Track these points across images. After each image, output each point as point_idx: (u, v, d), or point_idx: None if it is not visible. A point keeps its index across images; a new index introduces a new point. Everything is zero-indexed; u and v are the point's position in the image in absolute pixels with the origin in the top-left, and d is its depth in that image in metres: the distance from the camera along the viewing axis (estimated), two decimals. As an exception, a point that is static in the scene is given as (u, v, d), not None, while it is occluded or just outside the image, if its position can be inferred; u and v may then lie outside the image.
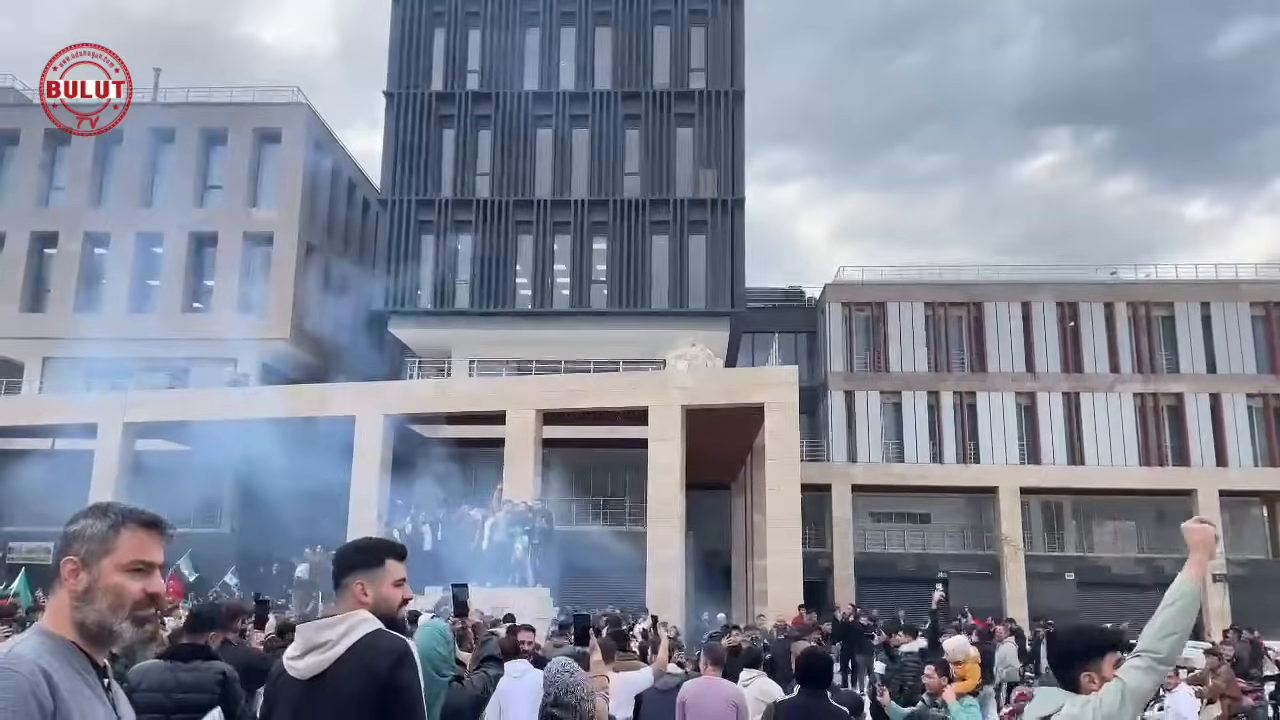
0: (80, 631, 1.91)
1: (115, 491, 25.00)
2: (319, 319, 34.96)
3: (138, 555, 1.96)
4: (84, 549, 1.95)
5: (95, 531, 1.96)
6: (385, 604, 2.88)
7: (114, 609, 1.92)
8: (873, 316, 38.30)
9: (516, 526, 19.63)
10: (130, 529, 1.97)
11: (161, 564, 2.00)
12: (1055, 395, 36.69)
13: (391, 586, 2.91)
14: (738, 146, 32.61)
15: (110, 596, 1.92)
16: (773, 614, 20.07)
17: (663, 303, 31.87)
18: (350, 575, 2.91)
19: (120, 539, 1.96)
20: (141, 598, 1.95)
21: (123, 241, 33.24)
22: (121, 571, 1.94)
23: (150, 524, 2.01)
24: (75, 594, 1.92)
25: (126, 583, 1.93)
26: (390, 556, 2.97)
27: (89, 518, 1.99)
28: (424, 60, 33.75)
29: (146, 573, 1.97)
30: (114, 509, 2.01)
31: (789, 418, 22.36)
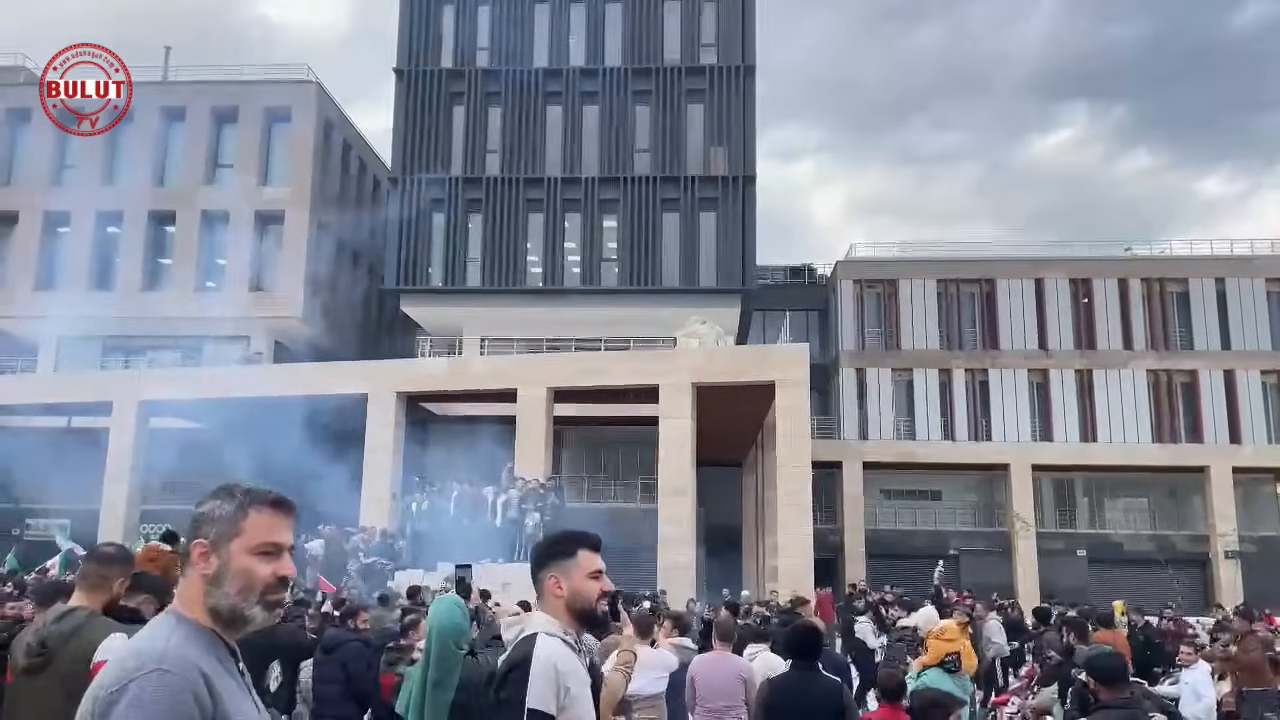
0: (213, 617, 1.86)
1: (131, 469, 25.25)
2: (330, 297, 35.09)
3: (266, 537, 1.90)
4: (213, 531, 1.89)
5: (223, 513, 1.90)
6: (581, 598, 2.76)
7: (244, 593, 1.87)
8: (884, 294, 38.15)
9: (528, 503, 19.73)
10: (258, 510, 1.91)
11: (291, 545, 1.95)
12: (1068, 372, 36.54)
13: (586, 578, 2.79)
14: (749, 123, 32.42)
15: (240, 580, 1.86)
16: (785, 590, 20.14)
17: (673, 280, 31.82)
18: (543, 569, 2.81)
19: (248, 520, 1.89)
20: (272, 581, 1.89)
21: (135, 220, 33.34)
22: (250, 554, 1.87)
23: (278, 504, 1.95)
24: (206, 578, 1.87)
25: (256, 566, 1.87)
26: (582, 547, 2.85)
27: (216, 499, 1.93)
28: (434, 37, 33.62)
29: (275, 555, 1.90)
30: (241, 489, 1.94)
31: (800, 395, 22.34)
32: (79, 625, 3.33)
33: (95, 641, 3.27)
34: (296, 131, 33.74)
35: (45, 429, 30.42)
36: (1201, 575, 35.04)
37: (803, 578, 20.63)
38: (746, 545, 32.42)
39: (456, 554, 18.97)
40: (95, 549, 3.79)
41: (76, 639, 3.28)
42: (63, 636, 3.29)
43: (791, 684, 5.19)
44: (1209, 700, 8.16)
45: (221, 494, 1.94)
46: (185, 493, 31.47)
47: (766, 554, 27.57)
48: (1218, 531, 33.96)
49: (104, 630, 3.31)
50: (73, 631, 3.30)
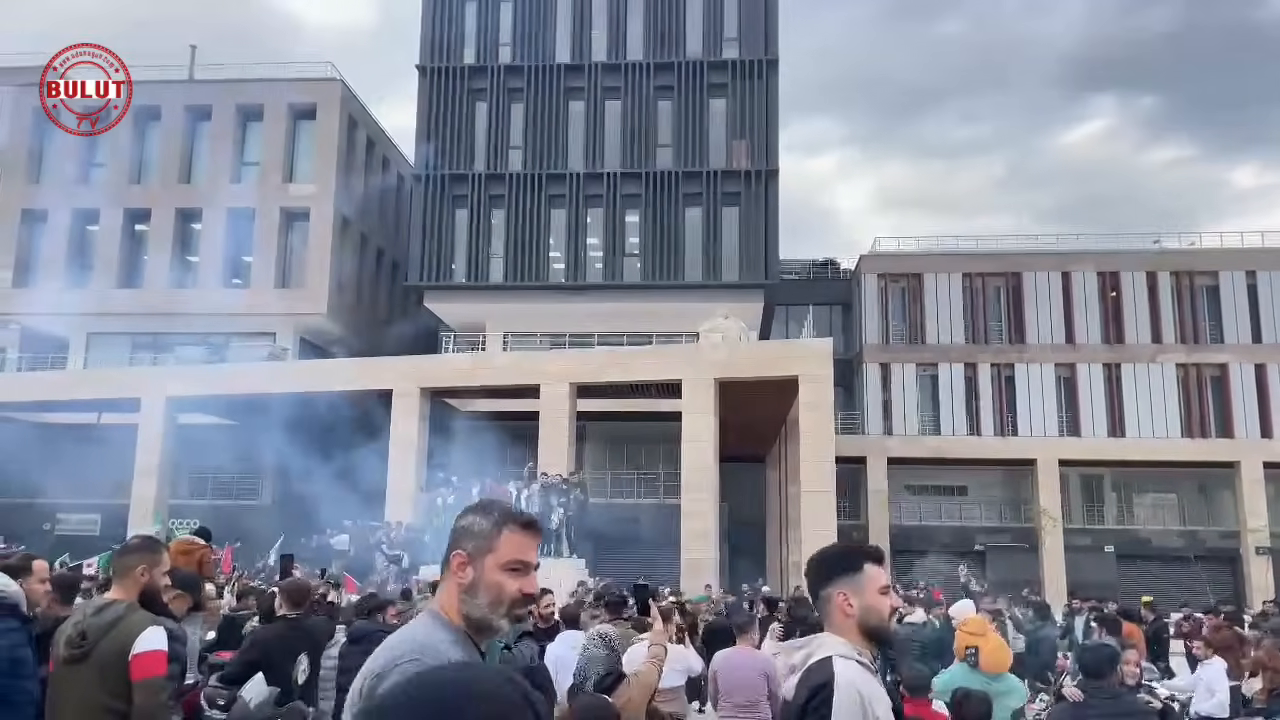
0: (466, 622, 2.01)
1: (159, 465, 25.53)
2: (355, 293, 35.31)
3: (516, 555, 2.03)
4: (471, 545, 2.04)
5: (480, 529, 2.04)
6: (874, 614, 2.60)
7: (494, 605, 2.01)
8: (909, 288, 37.89)
9: (551, 499, 19.77)
10: (510, 529, 2.04)
11: (537, 564, 2.09)
12: (1096, 366, 36.16)
13: (877, 594, 2.62)
14: (771, 117, 32.28)
15: (491, 592, 2.01)
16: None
17: (696, 275, 31.77)
18: (829, 585, 2.64)
19: (501, 539, 2.03)
20: (519, 596, 2.03)
21: (162, 218, 33.67)
22: (502, 570, 2.01)
23: (528, 526, 2.09)
24: (462, 586, 2.02)
25: (506, 581, 2.01)
26: (869, 561, 2.68)
27: (476, 514, 2.08)
28: (456, 33, 33.70)
29: (523, 572, 2.04)
30: (497, 508, 2.09)
31: (823, 390, 22.23)
32: (117, 617, 3.42)
33: (133, 634, 3.38)
34: (321, 129, 33.94)
35: (75, 425, 30.85)
36: (1232, 572, 34.59)
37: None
38: (770, 540, 32.35)
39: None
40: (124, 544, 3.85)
41: (115, 630, 3.39)
42: (102, 628, 3.39)
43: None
44: (1221, 697, 8.09)
45: (480, 511, 2.09)
46: (212, 488, 31.90)
47: (790, 549, 27.48)
48: (1249, 528, 33.52)
49: (142, 623, 3.42)
50: (111, 623, 3.40)
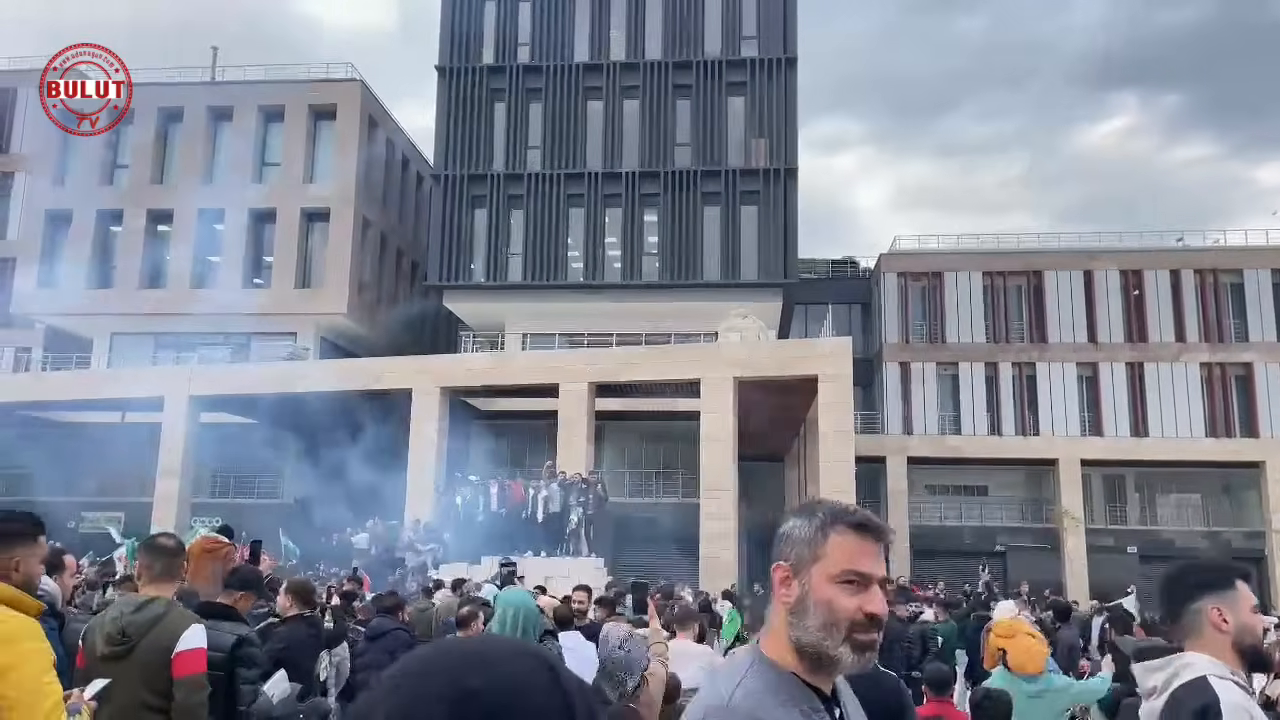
0: (798, 654, 1.63)
1: (182, 464, 25.75)
2: (375, 293, 35.49)
3: (849, 564, 1.62)
4: (793, 553, 1.66)
5: (802, 534, 1.67)
6: (1250, 633, 2.39)
7: (827, 628, 1.60)
8: (929, 286, 37.70)
9: (570, 498, 19.80)
10: (839, 532, 1.64)
11: (883, 578, 1.66)
12: (1118, 365, 35.85)
13: (1250, 612, 2.41)
14: (790, 115, 32.19)
15: (823, 613, 1.61)
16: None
17: (714, 274, 31.73)
18: (1198, 600, 2.42)
19: (829, 544, 1.64)
20: (859, 617, 1.60)
21: (185, 218, 33.95)
22: (833, 583, 1.61)
23: (862, 527, 1.66)
24: (788, 607, 1.65)
25: (839, 597, 1.60)
26: (1239, 577, 2.47)
27: (797, 517, 1.71)
28: (475, 34, 33.80)
29: (863, 586, 1.62)
30: (823, 508, 1.69)
31: (843, 389, 22.15)
32: (158, 615, 3.45)
33: (176, 632, 3.42)
34: (341, 130, 34.13)
35: (99, 424, 31.17)
36: (1257, 573, 34.18)
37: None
38: (789, 540, 32.23)
39: (499, 548, 19.13)
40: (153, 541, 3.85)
41: (156, 629, 3.41)
42: (143, 626, 3.41)
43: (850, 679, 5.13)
44: None
45: (802, 512, 1.72)
46: (234, 486, 32.13)
47: (809, 549, 27.37)
48: (1274, 528, 33.13)
49: (183, 621, 3.46)
50: (152, 621, 3.42)
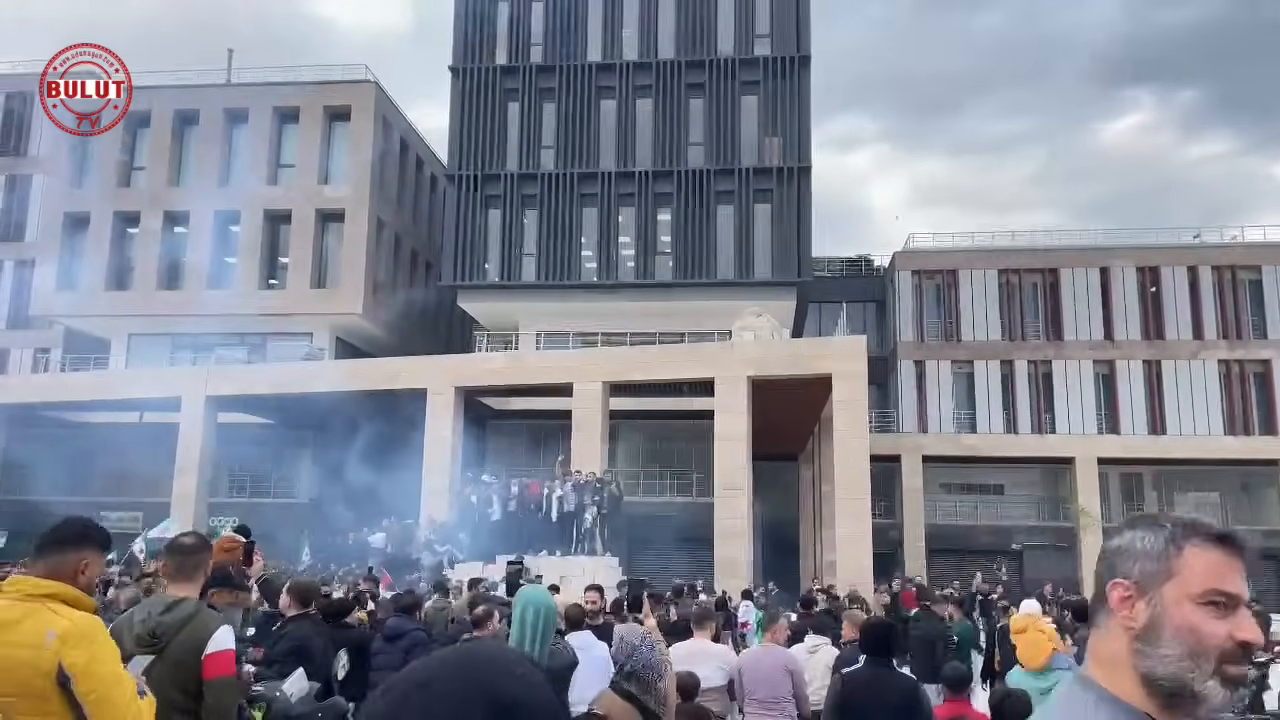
0: (1146, 687, 1.37)
1: (199, 463, 25.92)
2: (390, 293, 35.62)
3: (1214, 583, 1.38)
4: (1136, 569, 1.42)
5: (1149, 547, 1.43)
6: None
7: (1192, 658, 1.35)
8: (944, 284, 37.54)
9: (584, 497, 19.83)
10: (1197, 545, 1.40)
11: (1246, 598, 1.41)
12: (1135, 363, 35.62)
13: None
14: (804, 113, 32.11)
15: (1183, 640, 1.36)
16: (842, 585, 19.97)
17: (728, 273, 31.69)
18: None
19: (1184, 559, 1.40)
20: (1230, 645, 1.35)
21: (201, 220, 34.15)
22: (1194, 604, 1.37)
23: (1224, 539, 1.41)
24: (1134, 633, 1.39)
25: (1206, 621, 1.36)
26: None
27: (1137, 529, 1.46)
28: (488, 34, 33.86)
29: (1230, 608, 1.37)
30: (1169, 518, 1.46)
31: (857, 388, 22.10)
32: (188, 616, 3.45)
33: (206, 633, 3.42)
34: (356, 131, 34.27)
35: (117, 424, 31.41)
36: (1276, 572, 33.93)
37: (861, 572, 20.42)
38: (804, 539, 32.21)
39: (513, 548, 19.17)
40: (177, 541, 3.84)
41: (186, 630, 3.41)
42: (173, 627, 3.41)
43: (866, 680, 5.12)
44: None
45: (1144, 523, 1.47)
46: (251, 485, 32.31)
47: (824, 548, 27.35)
48: (1294, 527, 32.85)
49: (213, 622, 3.47)
50: (182, 622, 3.42)
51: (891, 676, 5.00)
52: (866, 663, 5.18)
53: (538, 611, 4.20)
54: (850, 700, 5.09)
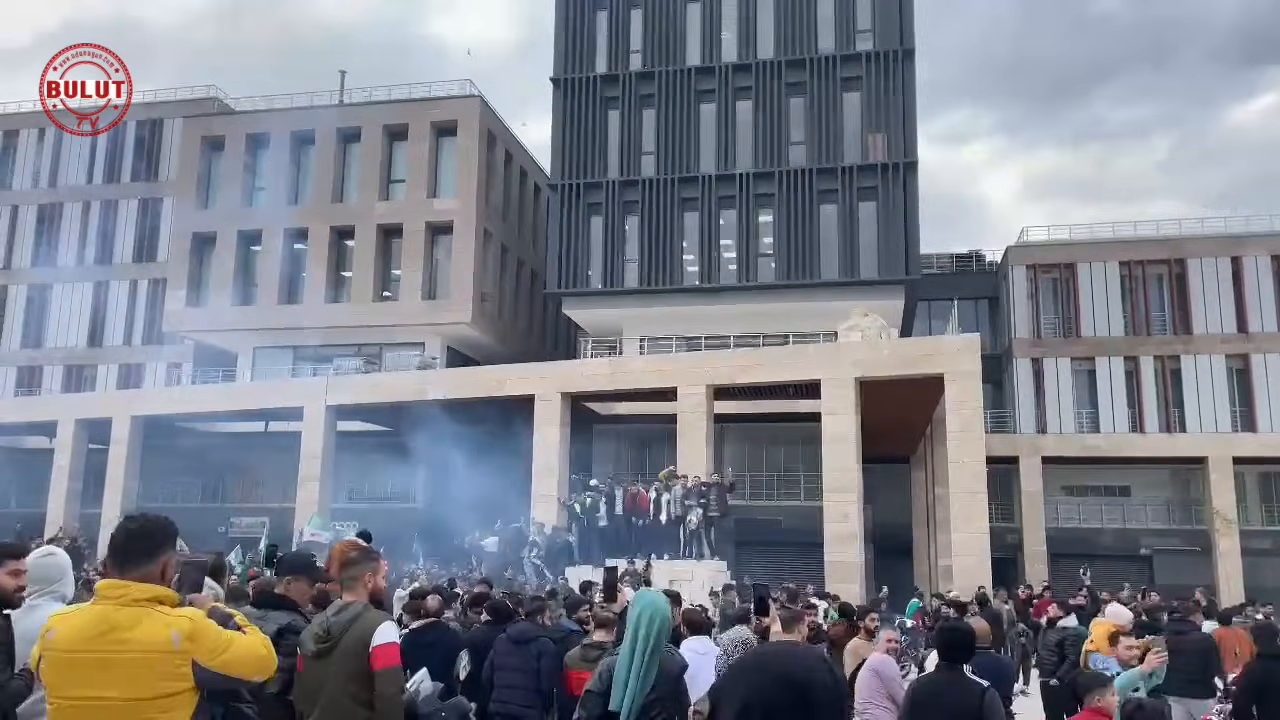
0: None
1: (320, 470, 26.93)
2: (497, 302, 36.37)
3: None
4: None
5: None
6: None
7: None
8: (1060, 278, 36.15)
9: (691, 500, 19.80)
10: None
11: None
12: (1272, 356, 33.58)
13: None
14: (908, 107, 31.42)
15: None
16: (960, 590, 19.41)
17: (833, 273, 31.22)
18: None
19: None
20: None
21: (319, 236, 35.51)
22: None
23: None
24: None
25: None
26: None
27: None
28: (588, 44, 34.25)
29: None
30: None
31: (970, 388, 21.47)
32: (356, 615, 3.87)
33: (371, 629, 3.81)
34: (462, 145, 35.11)
35: (244, 433, 32.91)
36: None
37: (978, 577, 19.81)
38: (917, 543, 31.45)
39: (623, 552, 19.29)
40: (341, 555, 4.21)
41: (354, 627, 3.83)
42: (343, 625, 3.84)
43: (932, 684, 5.06)
44: None
45: None
46: (369, 491, 33.34)
47: (939, 553, 26.63)
48: None
49: (377, 620, 3.86)
50: (351, 621, 3.85)
51: (959, 680, 4.87)
52: (938, 667, 5.07)
53: (652, 619, 4.20)
54: (916, 702, 5.09)
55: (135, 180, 41.08)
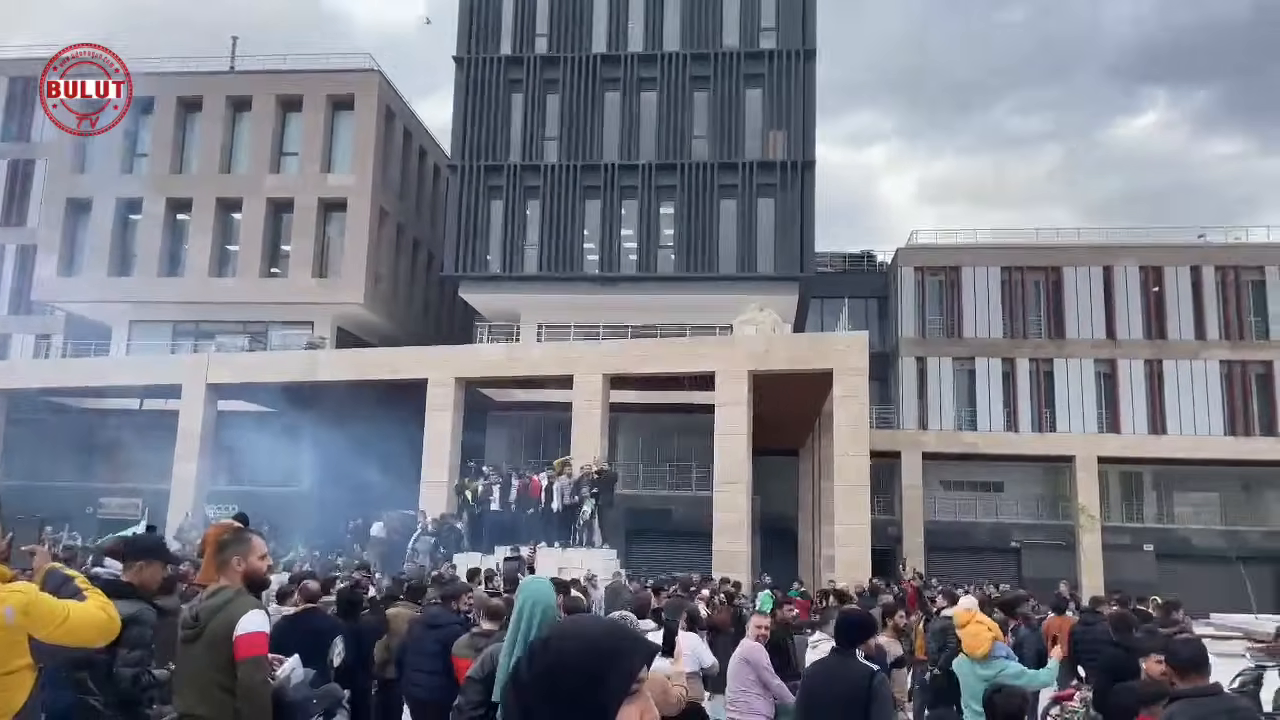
0: None
1: (199, 451, 25.92)
2: (392, 283, 35.60)
3: None
4: None
5: None
6: None
7: None
8: (946, 281, 37.48)
9: (583, 489, 19.81)
10: None
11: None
12: (1137, 362, 35.56)
13: None
14: (809, 108, 32.03)
15: None
16: (842, 580, 19.97)
17: (730, 267, 31.63)
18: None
19: None
20: None
21: (204, 206, 34.12)
22: None
23: None
24: None
25: None
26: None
27: None
28: (493, 25, 33.76)
29: None
30: None
31: (859, 384, 22.07)
32: (225, 601, 3.76)
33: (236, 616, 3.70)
34: (359, 120, 34.19)
35: (118, 410, 31.44)
36: (1275, 573, 33.94)
37: (860, 568, 20.44)
38: (802, 534, 32.23)
39: (512, 538, 19.18)
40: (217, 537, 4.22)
41: (222, 613, 3.72)
42: (212, 611, 3.74)
43: (824, 668, 5.22)
44: None
45: None
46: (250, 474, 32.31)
47: (822, 543, 27.36)
48: (1294, 528, 32.84)
49: (244, 606, 3.74)
50: (219, 607, 3.74)
51: (849, 664, 5.04)
52: (833, 651, 5.24)
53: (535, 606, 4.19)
54: (808, 686, 5.25)
55: (5, 140, 38.65)
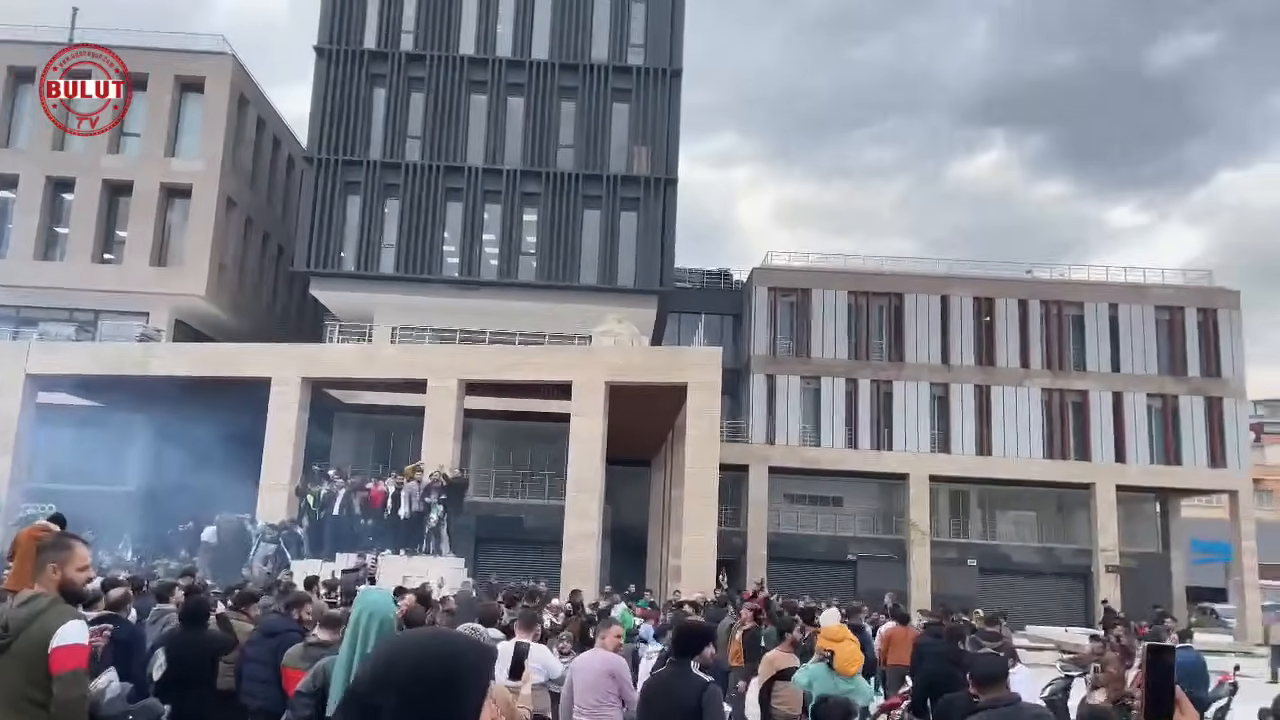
0: None
1: (15, 445, 24.08)
2: (237, 276, 34.07)
3: None
4: None
5: None
6: None
7: None
8: (797, 302, 38.79)
9: (432, 496, 19.52)
10: None
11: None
12: (968, 387, 37.69)
13: None
14: (673, 126, 32.61)
15: None
16: (687, 590, 20.36)
17: (591, 278, 31.82)
18: None
19: None
20: None
21: (31, 184, 31.78)
22: None
23: None
24: None
25: None
26: None
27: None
28: (358, 16, 32.90)
29: None
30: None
31: (711, 398, 22.60)
32: (39, 611, 3.46)
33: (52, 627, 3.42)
34: (209, 104, 32.63)
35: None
36: (1084, 587, 36.63)
37: (706, 578, 20.89)
38: (651, 544, 32.64)
39: (355, 545, 18.69)
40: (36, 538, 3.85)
41: (35, 623, 3.42)
42: (24, 620, 3.42)
43: (661, 680, 5.32)
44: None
45: None
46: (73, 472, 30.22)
47: (670, 553, 27.79)
48: (1100, 546, 35.50)
49: (62, 616, 3.46)
50: (33, 616, 3.44)
51: (685, 676, 5.16)
52: (669, 663, 5.37)
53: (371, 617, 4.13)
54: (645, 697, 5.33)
55: None
